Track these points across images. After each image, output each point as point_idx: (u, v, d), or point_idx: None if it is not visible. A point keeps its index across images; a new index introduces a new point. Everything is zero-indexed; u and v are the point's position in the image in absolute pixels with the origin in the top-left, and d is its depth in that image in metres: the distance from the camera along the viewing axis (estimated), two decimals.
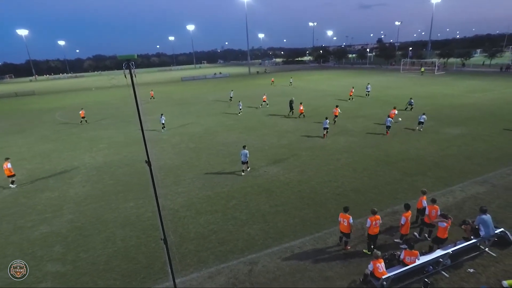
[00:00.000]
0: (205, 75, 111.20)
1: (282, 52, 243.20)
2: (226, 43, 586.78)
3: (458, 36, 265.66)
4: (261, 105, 44.52)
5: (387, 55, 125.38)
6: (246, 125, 34.12)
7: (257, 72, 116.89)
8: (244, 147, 20.70)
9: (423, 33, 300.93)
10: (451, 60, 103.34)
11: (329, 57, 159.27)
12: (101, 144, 29.75)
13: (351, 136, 28.16)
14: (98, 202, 17.81)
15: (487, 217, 12.03)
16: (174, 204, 17.07)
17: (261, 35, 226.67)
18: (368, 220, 12.21)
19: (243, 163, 20.50)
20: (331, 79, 79.46)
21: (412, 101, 38.22)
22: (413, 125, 30.30)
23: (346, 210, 12.57)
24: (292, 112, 38.08)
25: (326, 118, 28.63)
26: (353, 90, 48.37)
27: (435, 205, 12.83)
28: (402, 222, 12.43)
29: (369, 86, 50.41)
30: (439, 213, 12.69)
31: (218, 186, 18.96)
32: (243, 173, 20.50)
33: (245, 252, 12.70)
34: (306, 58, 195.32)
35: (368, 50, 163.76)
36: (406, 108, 37.75)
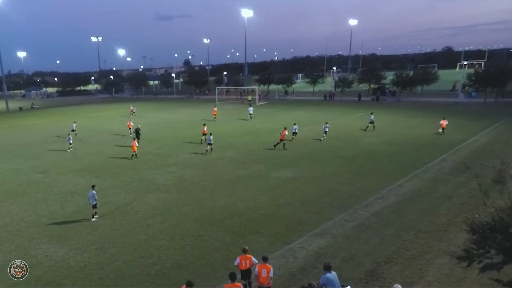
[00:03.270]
0: None
1: (55, 79, 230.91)
2: None
3: (276, 58, 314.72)
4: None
5: (198, 81, 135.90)
6: (9, 188, 30.51)
7: (20, 108, 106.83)
8: (93, 187, 24.12)
9: (237, 53, 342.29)
10: (273, 87, 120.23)
11: (123, 85, 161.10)
12: None
13: (163, 191, 28.74)
14: None
15: (332, 275, 13.92)
16: None
17: (21, 54, 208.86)
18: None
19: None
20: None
21: (296, 126, 46.50)
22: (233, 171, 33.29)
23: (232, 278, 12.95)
24: (138, 142, 43.06)
25: (211, 134, 40.40)
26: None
27: (267, 264, 14.13)
28: None
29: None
30: (271, 274, 14.00)
31: None
32: (94, 218, 23.81)
33: None
34: (91, 87, 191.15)
35: (173, 75, 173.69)
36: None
